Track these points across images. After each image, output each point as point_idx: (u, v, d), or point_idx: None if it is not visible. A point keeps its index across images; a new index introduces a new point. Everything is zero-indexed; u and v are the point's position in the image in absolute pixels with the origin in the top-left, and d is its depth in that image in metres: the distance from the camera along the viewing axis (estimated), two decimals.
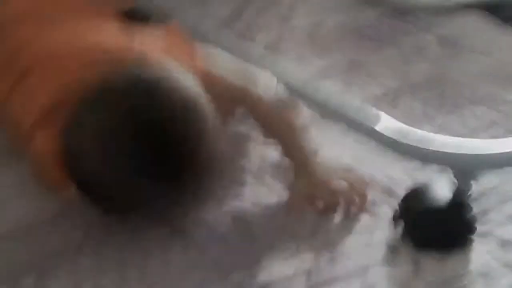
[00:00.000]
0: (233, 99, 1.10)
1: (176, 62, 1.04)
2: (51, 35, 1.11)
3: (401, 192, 1.05)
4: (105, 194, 0.97)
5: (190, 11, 1.55)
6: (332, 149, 1.14)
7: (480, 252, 0.99)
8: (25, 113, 1.06)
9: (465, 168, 1.01)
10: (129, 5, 1.21)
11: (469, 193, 1.00)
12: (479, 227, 1.00)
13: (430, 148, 1.01)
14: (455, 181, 1.00)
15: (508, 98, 1.30)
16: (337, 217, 1.04)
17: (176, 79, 0.99)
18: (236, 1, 1.62)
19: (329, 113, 1.13)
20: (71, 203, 1.02)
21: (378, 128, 1.06)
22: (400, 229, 1.00)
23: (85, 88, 0.98)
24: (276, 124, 1.11)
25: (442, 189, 1.00)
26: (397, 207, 1.01)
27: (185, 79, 1.00)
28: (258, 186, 1.10)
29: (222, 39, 1.31)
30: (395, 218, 1.01)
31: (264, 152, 1.15)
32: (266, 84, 1.12)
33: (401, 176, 1.10)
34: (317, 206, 1.05)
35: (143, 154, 0.94)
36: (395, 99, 1.28)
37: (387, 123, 1.06)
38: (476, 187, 1.01)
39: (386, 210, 1.04)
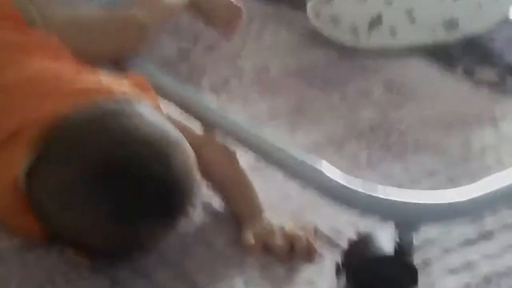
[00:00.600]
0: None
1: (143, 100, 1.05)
2: (24, 66, 1.11)
3: (344, 243, 1.04)
4: (73, 240, 0.99)
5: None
6: (276, 197, 1.14)
7: None
8: None
9: (407, 219, 1.01)
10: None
11: (411, 244, 1.00)
12: (421, 279, 1.00)
13: (373, 198, 1.02)
14: (397, 232, 1.00)
15: (450, 146, 1.32)
16: (280, 268, 1.03)
17: (148, 113, 1.02)
18: (183, 41, 1.62)
19: (273, 160, 1.13)
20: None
21: (320, 178, 1.06)
22: (342, 280, 1.00)
23: (48, 123, 0.99)
24: (221, 176, 1.12)
25: (384, 239, 1.00)
26: (340, 258, 1.01)
27: (156, 115, 1.03)
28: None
29: (166, 83, 1.30)
30: (338, 269, 1.00)
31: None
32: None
33: (344, 227, 1.10)
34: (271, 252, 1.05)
35: (108, 196, 0.96)
36: (339, 146, 1.29)
37: (329, 173, 1.06)
38: (418, 238, 1.01)
39: (329, 261, 1.04)
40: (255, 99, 1.42)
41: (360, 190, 1.02)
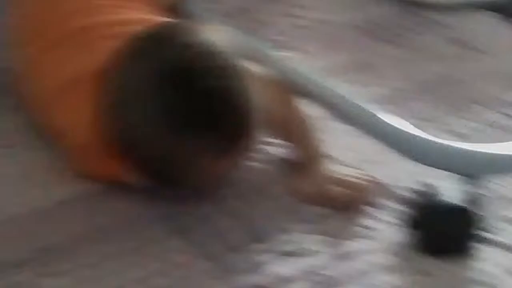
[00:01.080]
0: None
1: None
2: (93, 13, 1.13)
3: (407, 196, 1.03)
4: (147, 150, 0.98)
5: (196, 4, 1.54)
6: (336, 148, 1.13)
7: (486, 258, 0.97)
8: (53, 80, 1.08)
9: (474, 170, 0.99)
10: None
11: (478, 196, 0.98)
12: (486, 234, 0.99)
13: (441, 150, 1.00)
14: (464, 183, 0.98)
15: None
16: (338, 219, 1.02)
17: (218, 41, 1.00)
18: None
19: (335, 112, 1.12)
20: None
21: (385, 129, 1.04)
22: (407, 233, 0.99)
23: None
24: (283, 117, 1.10)
25: (449, 194, 0.99)
26: (405, 209, 0.99)
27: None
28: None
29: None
30: (407, 220, 0.99)
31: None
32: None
33: (407, 180, 1.08)
34: (324, 202, 1.04)
35: (184, 104, 0.95)
36: (402, 100, 1.26)
37: (394, 124, 1.04)
38: (481, 192, 1.00)
39: (391, 213, 1.03)
40: (318, 53, 1.40)
41: (425, 143, 1.00)
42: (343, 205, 1.03)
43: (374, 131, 1.06)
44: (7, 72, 1.30)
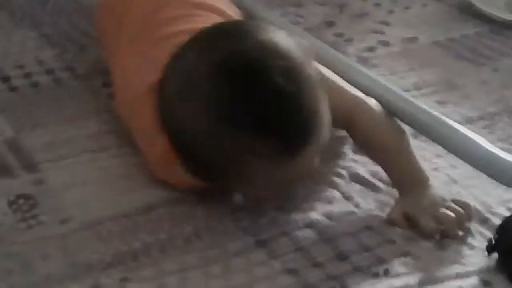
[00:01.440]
0: (342, 111, 1.05)
1: None
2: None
3: (496, 222, 1.00)
4: (201, 147, 0.92)
5: (283, 16, 1.54)
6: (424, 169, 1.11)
7: None
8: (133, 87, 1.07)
9: None
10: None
11: None
12: None
13: None
14: None
15: None
16: (427, 243, 1.00)
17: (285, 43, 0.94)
18: (329, 9, 1.60)
19: (424, 132, 1.09)
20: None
21: (474, 151, 1.02)
22: (494, 260, 0.96)
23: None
24: (384, 144, 1.06)
25: None
26: (492, 237, 0.97)
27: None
28: (346, 203, 1.07)
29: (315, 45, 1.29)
30: (489, 248, 0.96)
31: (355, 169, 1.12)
32: (374, 103, 1.09)
33: (497, 205, 1.05)
34: (417, 227, 1.00)
35: (245, 99, 0.89)
36: (491, 124, 1.23)
37: (484, 147, 1.01)
38: None
39: (480, 239, 1.00)
40: (402, 70, 1.38)
41: None
42: (431, 236, 1.00)
43: (465, 153, 1.03)
44: (92, 77, 1.33)
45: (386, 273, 0.95)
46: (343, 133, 1.13)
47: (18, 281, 0.91)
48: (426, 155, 1.15)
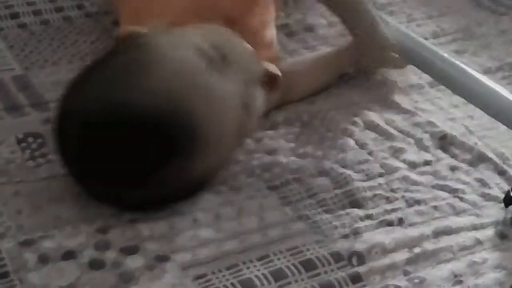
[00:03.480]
0: None
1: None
2: None
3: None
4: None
5: None
6: (441, 120, 1.09)
7: None
8: None
9: None
10: None
11: None
12: None
13: None
14: None
15: None
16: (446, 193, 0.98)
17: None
18: None
19: (443, 80, 1.07)
20: None
21: (495, 102, 0.99)
22: (511, 212, 0.94)
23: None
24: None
25: None
26: (509, 189, 0.95)
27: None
28: (360, 150, 1.04)
29: None
30: (507, 200, 0.94)
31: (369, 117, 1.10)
32: None
33: None
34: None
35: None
36: (510, 75, 1.21)
37: (506, 98, 0.99)
38: None
39: (497, 191, 0.98)
40: (420, 18, 1.35)
41: None
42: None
43: (485, 103, 1.01)
44: (102, 15, 1.29)
45: (401, 222, 0.93)
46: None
47: (27, 221, 0.90)
48: (442, 104, 1.13)
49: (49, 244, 0.86)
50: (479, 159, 1.03)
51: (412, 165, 1.02)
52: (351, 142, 1.06)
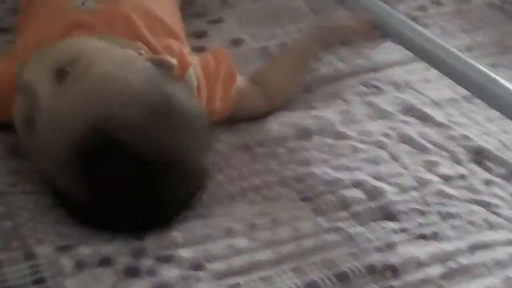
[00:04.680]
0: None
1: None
2: None
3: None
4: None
5: None
6: (475, 133, 1.09)
7: None
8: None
9: None
10: None
11: None
12: None
13: None
14: None
15: None
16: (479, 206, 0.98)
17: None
18: None
19: (479, 94, 1.07)
20: None
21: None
22: None
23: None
24: None
25: None
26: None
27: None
28: (393, 163, 1.05)
29: (364, 1, 1.26)
30: None
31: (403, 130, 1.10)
32: None
33: None
34: None
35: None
36: None
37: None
38: None
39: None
40: (454, 31, 1.35)
41: None
42: None
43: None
44: None
45: (435, 236, 0.93)
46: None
47: (65, 227, 0.90)
48: (477, 118, 1.12)
49: (86, 250, 0.87)
50: None
51: (446, 179, 1.02)
52: (385, 154, 1.06)
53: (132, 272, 0.85)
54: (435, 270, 0.88)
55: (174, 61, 0.96)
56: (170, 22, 1.10)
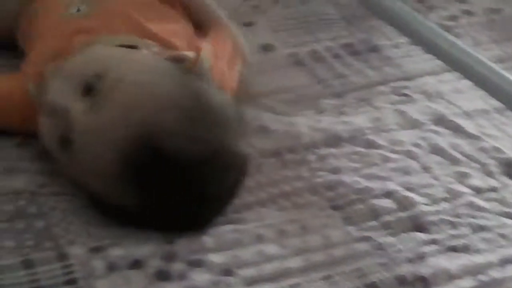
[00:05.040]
0: None
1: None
2: None
3: None
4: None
5: None
6: (506, 145, 1.09)
7: None
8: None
9: None
10: None
11: None
12: None
13: None
14: None
15: None
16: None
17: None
18: None
19: (510, 103, 1.07)
20: None
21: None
22: None
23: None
24: None
25: None
26: None
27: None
28: (424, 174, 1.04)
29: (396, 10, 1.26)
30: None
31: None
32: None
33: None
34: None
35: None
36: None
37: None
38: None
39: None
40: (485, 42, 1.34)
41: None
42: None
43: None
44: None
45: (466, 248, 0.93)
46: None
47: (97, 229, 0.91)
48: (509, 131, 1.12)
49: (118, 252, 0.87)
50: None
51: (478, 191, 1.01)
52: (415, 164, 1.06)
53: (163, 276, 0.85)
54: (466, 283, 0.88)
55: (190, 54, 0.96)
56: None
